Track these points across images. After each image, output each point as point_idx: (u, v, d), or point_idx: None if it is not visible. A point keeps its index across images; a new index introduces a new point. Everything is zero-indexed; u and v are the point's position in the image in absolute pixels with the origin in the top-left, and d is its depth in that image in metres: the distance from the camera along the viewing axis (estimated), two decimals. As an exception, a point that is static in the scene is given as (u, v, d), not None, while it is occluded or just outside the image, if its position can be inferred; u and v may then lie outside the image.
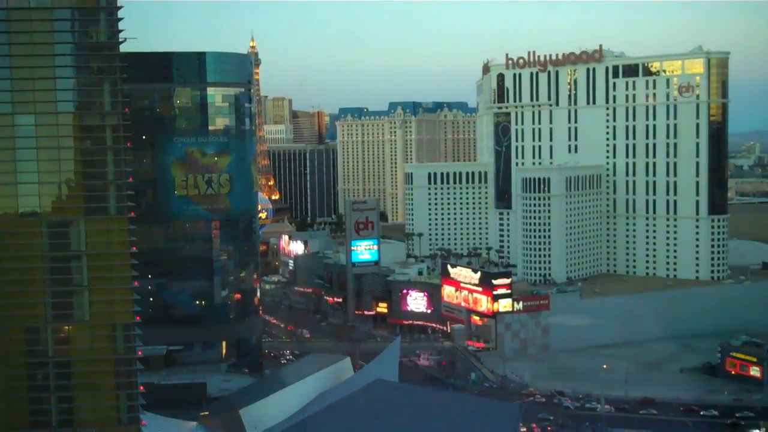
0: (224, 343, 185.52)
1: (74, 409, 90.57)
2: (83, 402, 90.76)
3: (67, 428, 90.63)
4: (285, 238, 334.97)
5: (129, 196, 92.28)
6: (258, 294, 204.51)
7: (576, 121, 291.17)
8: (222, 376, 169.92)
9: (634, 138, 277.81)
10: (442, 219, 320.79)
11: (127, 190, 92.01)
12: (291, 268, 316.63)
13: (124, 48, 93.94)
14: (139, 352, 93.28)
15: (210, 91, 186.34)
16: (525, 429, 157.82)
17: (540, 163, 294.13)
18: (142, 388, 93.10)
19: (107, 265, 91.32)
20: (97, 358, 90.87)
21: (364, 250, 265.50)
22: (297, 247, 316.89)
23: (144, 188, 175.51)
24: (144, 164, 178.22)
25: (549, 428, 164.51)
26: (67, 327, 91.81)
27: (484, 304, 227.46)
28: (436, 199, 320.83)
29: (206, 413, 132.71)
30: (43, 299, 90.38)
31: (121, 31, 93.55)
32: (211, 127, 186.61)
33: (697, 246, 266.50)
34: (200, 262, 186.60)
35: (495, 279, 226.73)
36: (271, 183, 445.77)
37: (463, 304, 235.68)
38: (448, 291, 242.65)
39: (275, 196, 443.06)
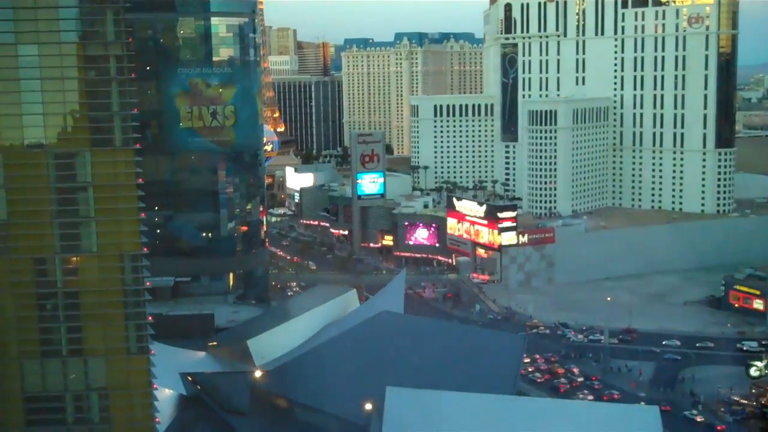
0: (231, 275, 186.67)
1: (84, 338, 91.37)
2: (92, 332, 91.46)
3: (77, 357, 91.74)
4: (290, 170, 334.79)
5: (134, 128, 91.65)
6: (264, 226, 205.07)
7: (584, 53, 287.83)
8: (229, 307, 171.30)
9: (642, 70, 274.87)
10: (448, 152, 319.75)
11: (132, 122, 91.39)
12: (297, 200, 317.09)
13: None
14: (147, 283, 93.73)
15: (214, 21, 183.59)
16: (529, 360, 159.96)
17: (547, 96, 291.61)
18: (150, 318, 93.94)
19: (114, 197, 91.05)
20: (106, 288, 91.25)
21: (369, 183, 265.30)
22: (303, 180, 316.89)
23: (149, 120, 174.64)
24: (148, 95, 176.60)
25: (553, 359, 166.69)
26: (74, 258, 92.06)
27: (488, 236, 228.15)
28: (441, 131, 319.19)
29: (214, 344, 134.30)
30: (51, 230, 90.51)
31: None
32: (215, 58, 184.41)
33: (704, 179, 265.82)
34: (206, 194, 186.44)
35: (500, 212, 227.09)
36: (276, 115, 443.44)
37: (465, 236, 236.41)
38: (453, 224, 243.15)
39: (280, 129, 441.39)
